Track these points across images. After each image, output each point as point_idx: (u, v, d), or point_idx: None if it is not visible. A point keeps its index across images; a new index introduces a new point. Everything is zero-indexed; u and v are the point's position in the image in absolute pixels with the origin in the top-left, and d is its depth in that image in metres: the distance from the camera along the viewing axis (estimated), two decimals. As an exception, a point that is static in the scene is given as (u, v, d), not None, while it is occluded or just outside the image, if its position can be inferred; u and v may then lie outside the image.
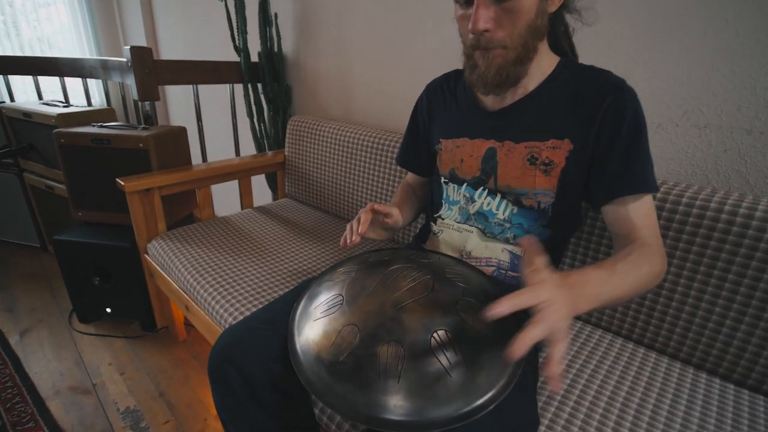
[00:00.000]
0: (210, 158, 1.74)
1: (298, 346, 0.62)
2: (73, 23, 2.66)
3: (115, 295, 1.33)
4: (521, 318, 0.49)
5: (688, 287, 0.75)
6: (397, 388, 0.53)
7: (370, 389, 0.53)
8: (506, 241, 0.77)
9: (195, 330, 1.40)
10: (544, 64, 0.69)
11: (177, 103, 2.60)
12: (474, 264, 0.78)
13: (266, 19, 1.59)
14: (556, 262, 0.80)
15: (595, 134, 0.65)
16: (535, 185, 0.71)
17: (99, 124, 1.36)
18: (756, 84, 0.76)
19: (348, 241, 0.72)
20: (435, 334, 0.56)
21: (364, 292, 0.63)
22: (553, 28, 0.70)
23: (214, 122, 2.11)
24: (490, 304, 0.45)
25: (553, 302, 0.45)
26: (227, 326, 0.87)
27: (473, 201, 0.79)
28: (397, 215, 0.78)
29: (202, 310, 0.98)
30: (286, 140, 1.52)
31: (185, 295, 1.05)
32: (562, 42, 0.73)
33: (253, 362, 0.62)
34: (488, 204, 0.78)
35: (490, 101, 0.74)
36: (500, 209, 0.76)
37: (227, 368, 0.62)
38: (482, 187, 0.78)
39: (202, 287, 0.97)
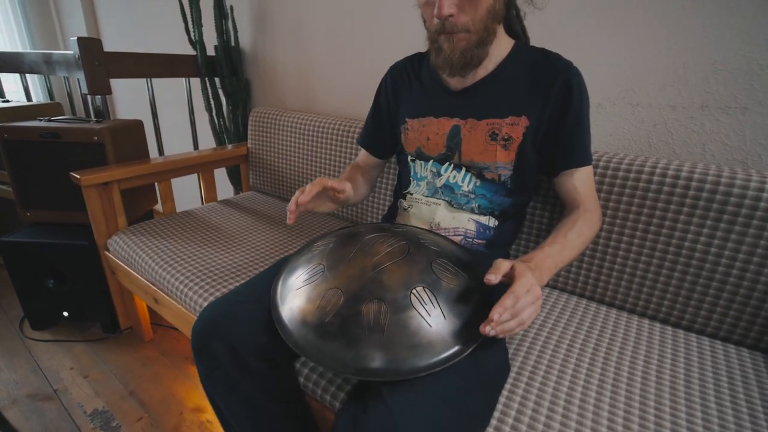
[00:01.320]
0: (167, 154, 1.69)
1: (283, 315, 0.64)
2: (3, 16, 2.46)
3: (73, 297, 1.27)
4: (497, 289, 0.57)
5: (630, 245, 0.85)
6: (382, 341, 0.56)
7: (357, 344, 0.57)
8: (471, 211, 0.83)
9: (162, 328, 1.36)
10: (502, 46, 0.75)
11: (123, 98, 2.47)
12: (443, 234, 0.83)
13: (222, 12, 1.57)
14: (518, 227, 0.88)
15: (549, 111, 0.73)
16: (496, 159, 0.78)
17: (46, 118, 1.28)
18: (677, 64, 0.87)
19: (288, 217, 0.71)
20: (414, 291, 0.60)
21: (344, 259, 0.66)
22: (507, 12, 0.76)
23: (168, 117, 2.04)
24: (469, 268, 0.58)
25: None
26: (197, 310, 0.87)
27: (440, 175, 0.85)
28: (349, 189, 0.80)
29: (174, 299, 0.96)
30: (249, 132, 1.51)
31: (153, 287, 1.03)
32: (515, 25, 0.80)
33: (240, 335, 0.63)
34: (454, 177, 0.83)
35: (453, 82, 0.80)
36: (465, 182, 0.82)
37: (213, 343, 0.63)
38: (448, 162, 0.83)
39: (172, 275, 0.96)
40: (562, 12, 0.95)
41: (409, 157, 0.89)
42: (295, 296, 0.65)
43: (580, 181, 0.76)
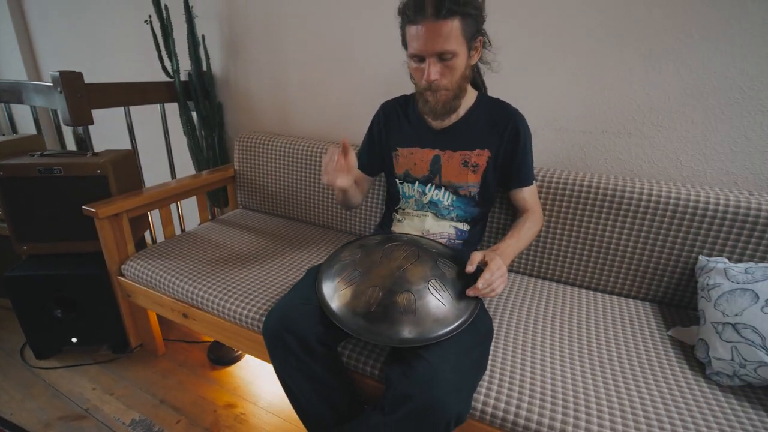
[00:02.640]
0: (145, 179, 1.75)
1: (335, 310, 0.85)
2: None
3: (81, 323, 1.33)
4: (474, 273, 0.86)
5: (562, 235, 1.18)
6: (414, 320, 0.81)
7: (397, 323, 0.81)
8: (451, 219, 1.10)
9: (172, 342, 1.47)
10: (469, 97, 1.03)
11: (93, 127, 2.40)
12: (432, 238, 1.10)
13: (194, 40, 1.68)
14: (483, 229, 1.18)
15: (504, 146, 1.02)
16: (467, 180, 1.06)
17: (37, 153, 1.32)
18: (586, 100, 1.21)
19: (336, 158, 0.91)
20: (430, 282, 0.85)
21: (374, 265, 0.89)
22: (472, 73, 1.04)
23: (140, 143, 2.07)
24: (458, 262, 0.88)
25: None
26: (239, 318, 1.04)
27: (425, 194, 1.11)
28: (354, 158, 0.95)
29: (208, 311, 1.11)
30: (235, 155, 1.64)
31: (182, 303, 1.16)
32: (477, 80, 1.08)
33: (304, 327, 0.83)
34: (436, 195, 1.10)
35: (435, 123, 1.06)
36: (445, 198, 1.09)
37: (286, 335, 0.82)
38: (430, 183, 1.09)
39: (205, 291, 1.11)
40: (508, 68, 1.25)
41: (398, 180, 1.14)
42: (342, 296, 0.87)
43: (528, 194, 1.07)
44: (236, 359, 1.40)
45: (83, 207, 1.19)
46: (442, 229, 1.11)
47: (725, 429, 0.73)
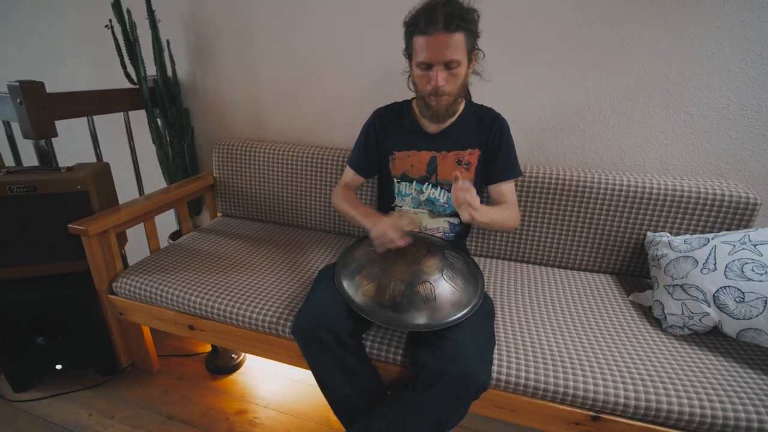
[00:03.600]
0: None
1: (362, 304, 0.93)
2: None
3: (66, 348, 1.25)
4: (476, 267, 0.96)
5: (535, 223, 1.35)
6: (436, 306, 0.91)
7: (422, 311, 0.90)
8: (446, 215, 1.21)
9: (164, 358, 1.43)
10: (460, 104, 1.14)
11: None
12: (430, 233, 1.20)
13: (159, 45, 1.62)
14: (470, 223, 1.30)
15: (490, 145, 1.15)
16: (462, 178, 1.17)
17: (3, 170, 1.22)
18: (545, 104, 1.39)
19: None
20: (443, 272, 0.96)
21: (391, 260, 0.98)
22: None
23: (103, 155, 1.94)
24: (460, 252, 1.01)
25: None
26: (255, 324, 1.07)
27: (422, 192, 1.21)
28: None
29: (222, 320, 1.12)
30: (214, 163, 1.62)
31: (189, 315, 1.15)
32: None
33: (336, 323, 0.90)
34: (433, 194, 1.20)
35: (430, 128, 1.16)
36: (441, 196, 1.20)
37: (320, 331, 0.88)
38: (427, 182, 1.20)
39: (214, 300, 1.12)
40: (488, 79, 1.39)
41: (395, 179, 1.23)
42: (366, 291, 0.94)
43: (506, 188, 1.19)
44: (237, 366, 1.40)
45: (69, 225, 1.13)
46: (438, 225, 1.22)
47: (683, 368, 0.92)
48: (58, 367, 1.27)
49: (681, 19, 1.21)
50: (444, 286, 0.94)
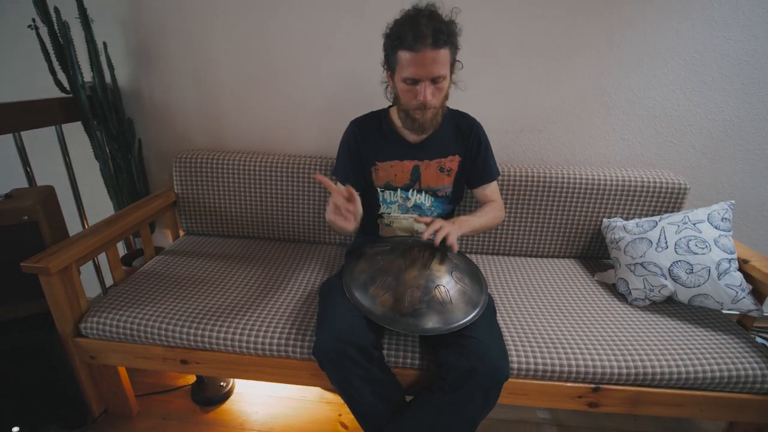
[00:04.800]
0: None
1: (382, 315, 0.94)
2: None
3: (24, 407, 1.07)
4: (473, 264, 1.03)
5: (516, 219, 1.46)
6: (452, 307, 0.96)
7: (441, 313, 0.94)
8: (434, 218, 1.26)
9: (143, 399, 1.29)
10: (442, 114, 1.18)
11: None
12: (420, 235, 1.24)
13: (95, 49, 1.44)
14: (451, 215, 1.35)
15: (469, 151, 1.21)
16: (444, 183, 1.23)
17: None
18: (508, 108, 1.50)
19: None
20: (453, 273, 1.01)
21: (402, 269, 1.00)
22: None
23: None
24: (458, 254, 1.06)
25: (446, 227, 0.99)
26: (264, 349, 1.03)
27: (408, 199, 1.24)
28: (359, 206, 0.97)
29: (216, 349, 1.05)
30: (175, 178, 1.49)
31: (182, 349, 1.06)
32: (442, 97, 1.25)
33: (361, 338, 0.90)
34: (419, 199, 1.24)
35: (411, 137, 1.19)
36: (426, 200, 1.25)
37: (348, 348, 0.88)
38: (412, 189, 1.23)
39: (208, 328, 1.04)
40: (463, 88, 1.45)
41: (379, 189, 1.24)
42: (383, 302, 0.96)
43: (490, 189, 1.27)
44: (227, 394, 1.32)
45: (23, 264, 0.97)
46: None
47: (654, 334, 1.08)
48: (15, 430, 1.08)
49: (617, 33, 1.39)
50: (456, 288, 0.99)
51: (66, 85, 1.42)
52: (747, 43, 1.37)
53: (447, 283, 0.98)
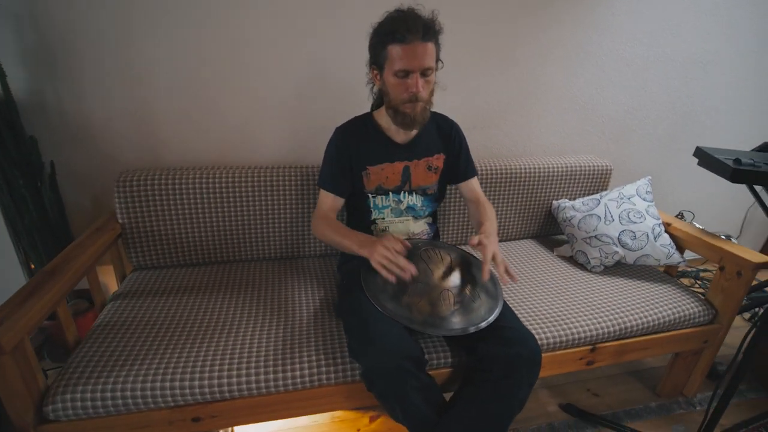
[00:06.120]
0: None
1: (423, 322, 0.95)
2: None
3: None
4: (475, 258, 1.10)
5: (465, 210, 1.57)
6: (481, 301, 1.01)
7: (477, 309, 0.99)
8: (425, 218, 1.30)
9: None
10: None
11: None
12: (416, 236, 1.27)
13: (-26, 50, 1.11)
14: (435, 213, 1.40)
15: (450, 149, 1.27)
16: (432, 182, 1.27)
17: None
18: (464, 107, 1.61)
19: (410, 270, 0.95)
20: (470, 270, 1.06)
21: (428, 273, 1.01)
22: None
23: None
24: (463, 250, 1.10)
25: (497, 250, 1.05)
26: (289, 383, 0.95)
27: (401, 201, 1.26)
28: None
29: (244, 394, 0.93)
30: (118, 205, 1.23)
31: (193, 406, 0.91)
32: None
33: (411, 349, 0.91)
34: (411, 201, 1.27)
35: (399, 138, 1.20)
36: (418, 201, 1.28)
37: (405, 362, 0.87)
38: (403, 191, 1.25)
39: (225, 375, 0.92)
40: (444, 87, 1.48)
41: (369, 194, 1.23)
42: (422, 309, 0.96)
43: (474, 184, 1.34)
44: (228, 442, 1.17)
45: (-39, 349, 0.71)
46: (421, 228, 1.29)
47: (603, 295, 1.29)
48: None
49: (549, 36, 1.59)
50: (481, 285, 1.04)
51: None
52: (639, 47, 1.70)
53: (471, 280, 1.03)
